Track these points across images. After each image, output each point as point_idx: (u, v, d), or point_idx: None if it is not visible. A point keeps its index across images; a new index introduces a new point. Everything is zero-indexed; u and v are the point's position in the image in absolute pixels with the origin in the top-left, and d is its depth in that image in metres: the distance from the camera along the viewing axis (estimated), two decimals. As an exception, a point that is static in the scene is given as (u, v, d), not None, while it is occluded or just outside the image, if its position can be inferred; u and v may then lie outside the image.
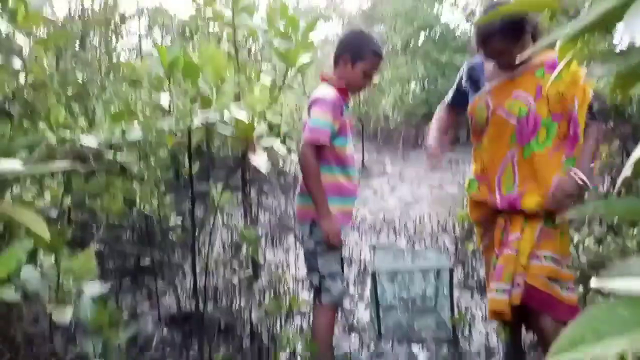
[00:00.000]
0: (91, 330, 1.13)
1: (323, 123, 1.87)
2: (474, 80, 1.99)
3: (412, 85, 9.90)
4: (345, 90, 2.03)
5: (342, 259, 2.16)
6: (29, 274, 0.93)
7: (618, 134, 3.62)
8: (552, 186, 1.80)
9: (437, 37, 10.87)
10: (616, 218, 2.88)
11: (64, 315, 0.94)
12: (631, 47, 0.46)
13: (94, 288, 1.03)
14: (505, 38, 1.75)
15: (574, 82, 1.75)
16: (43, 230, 0.80)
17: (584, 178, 1.75)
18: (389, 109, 9.81)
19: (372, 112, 9.73)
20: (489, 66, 1.94)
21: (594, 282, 0.50)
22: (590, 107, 1.79)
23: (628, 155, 3.41)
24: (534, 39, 1.83)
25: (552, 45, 0.61)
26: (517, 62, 1.64)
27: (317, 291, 2.04)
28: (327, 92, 1.95)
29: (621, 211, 0.44)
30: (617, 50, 0.48)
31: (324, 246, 1.99)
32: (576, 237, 2.67)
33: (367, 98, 9.11)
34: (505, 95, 1.85)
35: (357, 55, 1.98)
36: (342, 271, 2.14)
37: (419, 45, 10.90)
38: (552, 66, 1.80)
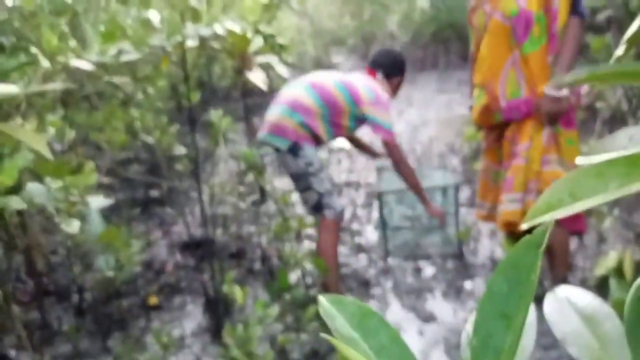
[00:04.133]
0: (103, 246, 1.17)
1: (389, 124, 2.14)
2: None
3: (420, 1, 9.44)
4: None
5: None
6: (35, 188, 0.95)
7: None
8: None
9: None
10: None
11: (72, 227, 0.97)
12: None
13: (98, 201, 1.05)
14: None
15: None
16: (44, 148, 0.81)
17: (556, 93, 1.71)
18: (395, 28, 9.44)
19: (377, 32, 9.38)
20: None
21: (579, 160, 0.49)
22: (574, 1, 1.70)
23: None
24: None
25: None
26: None
27: (317, 208, 2.13)
28: (381, 90, 2.19)
29: (607, 75, 0.43)
30: None
31: (314, 166, 2.07)
32: (585, 149, 2.64)
33: (372, 16, 8.75)
34: None
35: (394, 70, 2.30)
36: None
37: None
38: None
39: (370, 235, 3.06)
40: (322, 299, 0.44)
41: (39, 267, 2.04)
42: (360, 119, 2.18)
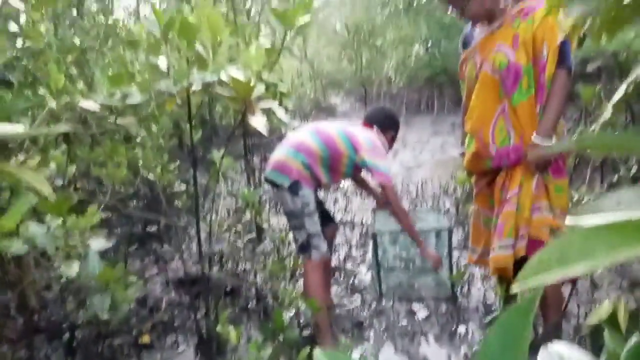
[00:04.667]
0: (99, 287, 1.18)
1: (387, 168, 2.28)
2: (467, 46, 2.02)
3: (415, 47, 9.73)
4: None
5: (325, 214, 2.43)
6: (35, 230, 0.97)
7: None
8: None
9: (440, -2, 10.64)
10: (615, 177, 2.89)
11: (71, 270, 0.98)
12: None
13: (99, 243, 1.07)
14: None
15: (544, 26, 1.74)
16: (46, 188, 0.83)
17: (544, 142, 1.77)
18: (391, 73, 9.69)
19: (374, 76, 9.61)
20: (478, 28, 1.97)
21: (568, 220, 0.52)
22: (562, 54, 1.77)
23: (632, 113, 3.39)
24: None
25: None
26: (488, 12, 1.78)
27: (305, 248, 2.19)
28: (378, 140, 2.34)
29: (592, 145, 0.46)
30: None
31: (310, 207, 2.17)
32: (576, 196, 2.69)
33: (369, 60, 9.00)
34: (488, 49, 1.87)
35: (388, 126, 2.47)
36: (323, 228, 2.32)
37: (422, 5, 10.66)
38: (527, 14, 1.79)
39: (365, 275, 3.05)
40: (318, 353, 0.45)
41: (31, 303, 2.02)
42: (356, 166, 2.33)
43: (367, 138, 2.31)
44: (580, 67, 3.68)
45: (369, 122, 2.46)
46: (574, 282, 2.21)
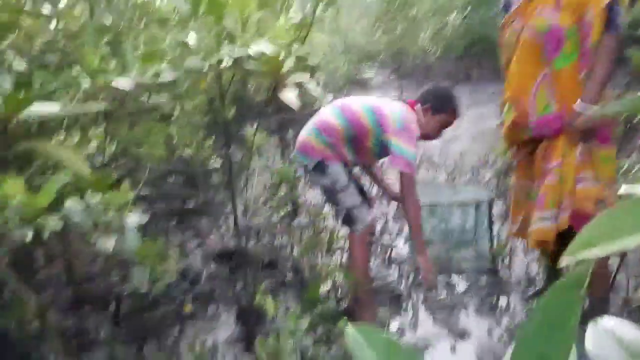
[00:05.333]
0: (139, 260, 1.21)
1: (414, 156, 2.06)
2: (508, 8, 1.91)
3: (452, 16, 9.38)
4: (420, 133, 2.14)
5: (362, 188, 2.23)
6: (72, 206, 0.99)
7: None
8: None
9: (478, -39, 10.17)
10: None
11: (107, 245, 1.00)
12: None
13: (135, 218, 1.09)
14: None
15: None
16: (83, 167, 0.84)
17: (586, 111, 1.66)
18: (427, 44, 9.41)
19: (409, 47, 9.37)
20: None
21: (622, 189, 0.48)
22: (609, 18, 1.65)
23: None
24: None
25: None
26: None
27: (347, 222, 2.13)
28: (413, 121, 2.10)
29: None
30: None
31: (341, 182, 2.08)
32: (625, 165, 2.56)
33: (403, 31, 8.75)
34: (529, 12, 1.76)
35: (438, 106, 2.16)
36: (365, 198, 2.19)
37: (459, -30, 10.22)
38: None
39: (402, 249, 3.03)
40: (350, 329, 0.43)
41: (77, 275, 2.11)
42: (385, 146, 2.10)
43: (399, 117, 2.07)
44: (630, 31, 3.45)
45: (417, 99, 2.21)
46: (622, 253, 2.12)
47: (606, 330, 0.47)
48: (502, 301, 2.33)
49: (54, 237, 1.40)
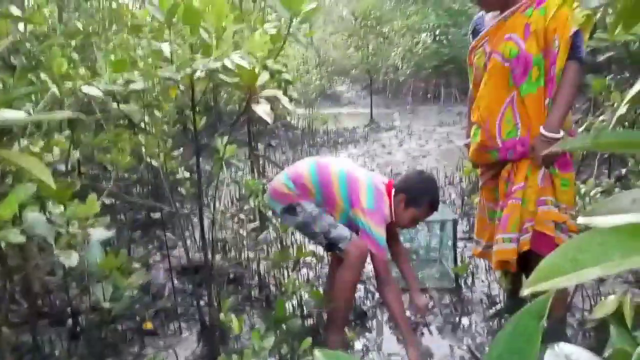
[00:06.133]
0: (101, 275, 1.17)
1: (383, 239, 1.97)
2: (477, 33, 1.98)
3: (423, 35, 9.63)
4: (392, 219, 2.07)
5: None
6: (35, 219, 0.96)
7: (633, 84, 3.52)
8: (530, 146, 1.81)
9: (449, -15, 10.53)
10: (624, 170, 2.86)
11: (71, 259, 0.97)
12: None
13: (100, 233, 1.06)
14: None
15: (556, 17, 1.70)
16: (47, 176, 0.82)
17: (553, 134, 1.74)
18: (398, 61, 9.61)
19: (381, 64, 9.54)
20: (489, 15, 1.93)
21: (580, 219, 0.50)
22: (573, 45, 1.73)
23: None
24: None
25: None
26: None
27: (331, 246, 2.02)
28: (385, 206, 2.02)
29: (610, 144, 0.44)
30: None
31: (313, 213, 2.01)
32: (583, 189, 2.66)
33: (377, 49, 8.92)
34: (499, 38, 1.83)
35: (414, 199, 2.05)
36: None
37: (431, -7, 10.53)
38: (541, 2, 1.75)
39: (367, 265, 3.04)
40: (319, 354, 0.44)
41: (34, 288, 2.03)
42: (352, 220, 2.02)
43: (372, 197, 1.98)
44: (590, 58, 3.62)
45: (396, 183, 2.11)
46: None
47: (562, 356, 0.49)
48: (464, 320, 2.37)
49: (10, 249, 1.34)
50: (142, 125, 2.42)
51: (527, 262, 1.90)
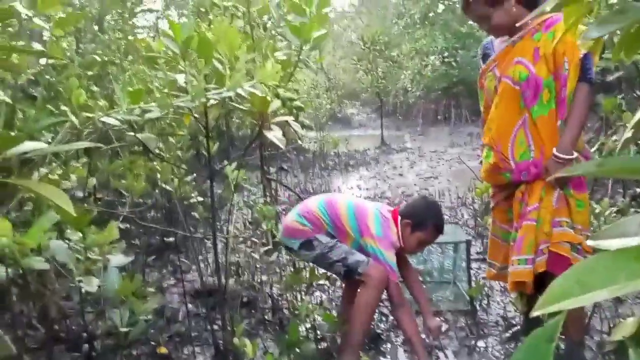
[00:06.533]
0: (117, 300, 1.19)
1: (394, 263, 2.03)
2: (487, 57, 2.01)
3: (432, 58, 9.72)
4: (400, 246, 2.13)
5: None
6: (57, 246, 0.98)
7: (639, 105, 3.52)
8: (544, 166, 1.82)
9: (456, 7, 10.63)
10: (638, 189, 2.83)
11: (91, 285, 0.99)
12: (629, 5, 0.46)
13: (118, 259, 1.08)
14: (481, 4, 1.82)
15: (564, 41, 1.72)
16: (67, 204, 0.85)
17: (565, 156, 1.74)
18: (407, 83, 9.69)
19: (391, 87, 9.64)
20: (498, 39, 1.96)
21: (589, 242, 0.51)
22: (583, 68, 1.75)
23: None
24: (533, 3, 1.83)
25: (554, 10, 0.61)
26: (512, 26, 1.78)
27: (350, 274, 2.03)
28: (393, 233, 2.09)
29: (614, 170, 0.45)
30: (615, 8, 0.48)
31: (329, 244, 2.06)
32: (598, 209, 2.64)
33: (385, 72, 9.02)
34: (508, 62, 1.85)
35: (419, 223, 2.11)
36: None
37: (438, 15, 10.66)
38: (549, 26, 1.78)
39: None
40: None
41: (51, 313, 2.05)
42: (363, 249, 2.07)
43: (380, 226, 2.07)
44: (600, 77, 3.63)
45: (401, 210, 2.17)
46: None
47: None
48: (480, 343, 2.34)
49: (29, 275, 1.37)
50: (157, 151, 2.48)
51: (543, 283, 1.88)
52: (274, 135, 1.50)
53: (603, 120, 3.78)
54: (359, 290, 2.05)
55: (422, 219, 2.12)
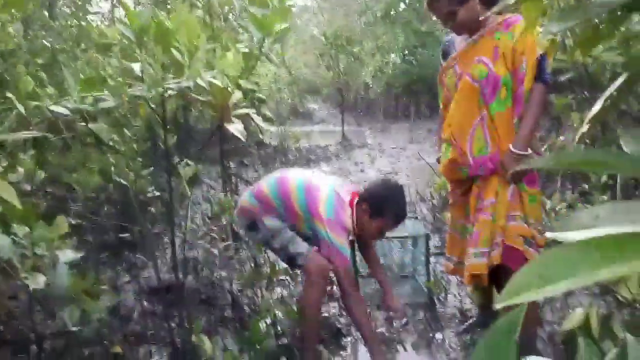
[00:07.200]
0: (68, 299, 1.13)
1: (346, 249, 1.91)
2: (447, 55, 2.05)
3: (392, 55, 9.85)
4: (354, 230, 2.03)
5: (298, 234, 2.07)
6: (0, 241, 0.92)
7: (592, 104, 3.67)
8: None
9: (417, 6, 10.81)
10: (587, 186, 2.96)
11: (37, 282, 0.94)
12: (586, 3, 0.47)
13: (67, 255, 1.03)
14: (448, 1, 1.83)
15: (524, 40, 1.77)
16: (12, 197, 0.80)
17: (520, 152, 1.80)
18: (369, 80, 9.78)
19: (352, 82, 9.70)
20: (459, 37, 1.99)
21: (548, 234, 0.52)
22: (539, 68, 1.81)
23: (604, 125, 3.48)
24: (493, 2, 1.86)
25: (513, 6, 0.62)
26: (469, 23, 1.82)
27: (292, 262, 2.05)
28: (347, 215, 1.95)
29: (570, 162, 0.46)
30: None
31: (273, 228, 2.02)
32: (549, 204, 2.74)
33: (347, 68, 9.06)
34: (469, 60, 1.90)
35: (378, 210, 1.97)
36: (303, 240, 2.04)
37: (400, 13, 10.79)
38: (509, 25, 1.83)
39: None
40: None
41: (-3, 313, 1.94)
42: (316, 232, 1.95)
43: (332, 207, 1.92)
44: (552, 78, 3.76)
45: (360, 193, 2.05)
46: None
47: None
48: (438, 335, 2.38)
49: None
50: (111, 143, 2.38)
51: (497, 276, 1.93)
52: (236, 127, 1.47)
53: (555, 120, 3.93)
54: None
55: (382, 206, 1.98)
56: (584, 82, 3.77)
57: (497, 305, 0.40)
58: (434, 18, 2.00)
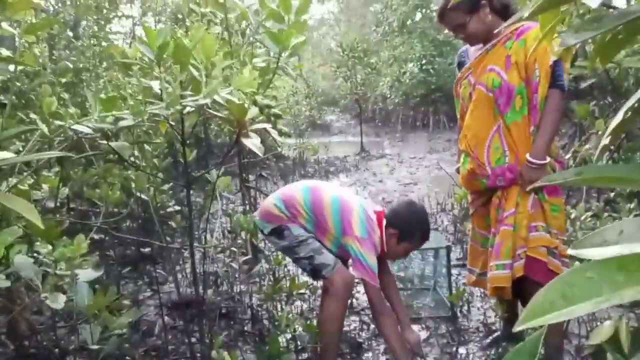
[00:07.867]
0: (89, 316, 1.15)
1: (375, 267, 1.93)
2: (462, 65, 2.04)
3: (410, 65, 9.83)
4: (382, 250, 2.05)
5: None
6: (22, 261, 0.94)
7: (616, 109, 3.60)
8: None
9: (433, 15, 10.80)
10: (612, 194, 2.89)
11: (57, 301, 0.95)
12: (604, 14, 0.46)
13: (87, 273, 1.04)
14: (457, 12, 1.84)
15: (535, 48, 1.75)
16: (34, 216, 0.81)
17: (539, 161, 1.76)
18: (386, 90, 9.77)
19: (369, 93, 9.70)
20: (473, 47, 1.99)
21: (570, 251, 0.51)
22: (554, 74, 1.77)
23: (628, 133, 3.40)
24: (507, 12, 1.86)
25: (529, 17, 0.61)
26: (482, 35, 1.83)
27: (315, 273, 2.00)
28: (377, 236, 1.99)
29: (592, 179, 0.45)
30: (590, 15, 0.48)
31: (300, 237, 1.99)
32: (574, 213, 2.67)
33: (364, 79, 9.07)
34: (482, 69, 1.89)
35: (406, 234, 2.03)
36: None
37: (416, 23, 10.80)
38: (520, 34, 1.81)
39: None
40: None
41: (21, 329, 1.97)
42: (344, 248, 1.99)
43: (365, 227, 1.95)
44: (573, 84, 3.71)
45: (387, 215, 2.07)
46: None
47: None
48: (461, 350, 2.34)
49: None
50: (132, 159, 2.42)
51: (522, 288, 1.89)
52: (252, 142, 1.47)
53: (577, 127, 3.86)
54: (324, 299, 2.00)
55: (410, 230, 2.03)
56: (606, 88, 3.70)
57: (517, 328, 0.39)
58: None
